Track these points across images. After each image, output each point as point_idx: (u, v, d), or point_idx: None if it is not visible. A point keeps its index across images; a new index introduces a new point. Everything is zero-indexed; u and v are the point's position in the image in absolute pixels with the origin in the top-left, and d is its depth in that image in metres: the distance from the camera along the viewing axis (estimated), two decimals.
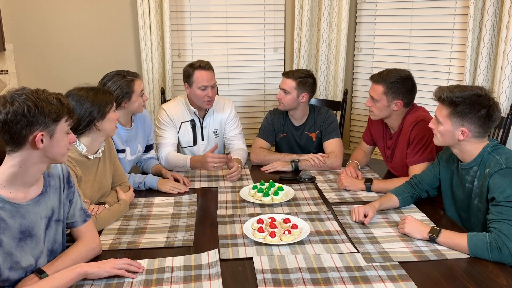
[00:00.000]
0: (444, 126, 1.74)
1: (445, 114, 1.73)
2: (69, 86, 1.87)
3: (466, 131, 1.69)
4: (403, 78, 2.20)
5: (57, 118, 1.32)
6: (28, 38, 3.31)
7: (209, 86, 2.47)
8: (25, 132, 1.28)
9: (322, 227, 1.82)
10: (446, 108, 1.73)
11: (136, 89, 2.20)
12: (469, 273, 1.48)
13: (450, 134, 1.74)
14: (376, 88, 2.21)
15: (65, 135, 1.38)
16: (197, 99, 2.50)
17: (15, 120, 1.26)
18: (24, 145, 1.30)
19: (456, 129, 1.71)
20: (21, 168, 1.32)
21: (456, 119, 1.70)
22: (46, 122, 1.30)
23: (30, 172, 1.35)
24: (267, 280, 1.43)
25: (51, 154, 1.36)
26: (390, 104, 2.20)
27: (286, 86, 2.54)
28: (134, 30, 3.35)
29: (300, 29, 3.35)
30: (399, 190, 2.01)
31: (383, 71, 2.24)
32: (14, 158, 1.31)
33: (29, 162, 1.32)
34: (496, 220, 1.59)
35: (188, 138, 2.62)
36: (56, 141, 1.35)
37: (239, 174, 2.37)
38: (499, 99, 2.61)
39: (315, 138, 2.68)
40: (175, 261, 1.54)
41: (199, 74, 2.45)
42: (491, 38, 2.66)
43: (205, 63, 2.49)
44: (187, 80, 2.50)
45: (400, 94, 2.18)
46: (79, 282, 1.41)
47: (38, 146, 1.30)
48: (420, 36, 3.13)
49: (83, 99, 1.79)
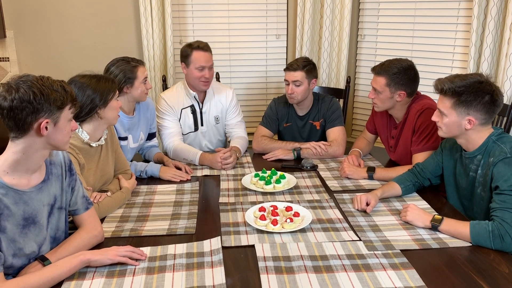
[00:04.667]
0: (449, 118, 1.72)
1: (449, 105, 1.71)
2: (70, 73, 1.86)
3: (473, 119, 1.68)
4: (405, 68, 2.17)
5: (61, 106, 1.32)
6: (29, 24, 3.29)
7: (207, 66, 2.46)
8: (30, 119, 1.28)
9: (324, 215, 1.82)
10: (449, 99, 1.71)
11: (139, 75, 2.19)
12: (471, 261, 1.48)
13: (456, 125, 1.72)
14: (379, 80, 2.19)
15: (68, 123, 1.38)
16: (193, 79, 2.49)
17: (21, 107, 1.26)
18: (28, 132, 1.30)
19: (462, 119, 1.70)
20: (24, 154, 1.32)
21: (461, 108, 1.69)
22: (51, 110, 1.30)
23: (33, 159, 1.35)
24: (269, 267, 1.43)
25: (54, 141, 1.36)
26: (393, 95, 2.19)
27: (297, 77, 2.50)
28: (135, 16, 3.32)
29: (302, 16, 3.32)
30: (401, 178, 2.01)
31: (385, 62, 2.22)
32: (17, 144, 1.31)
33: (32, 148, 1.33)
34: (499, 208, 1.58)
35: (189, 124, 2.61)
36: (60, 129, 1.35)
37: (234, 162, 2.37)
38: (503, 86, 2.59)
39: (319, 127, 2.67)
40: (177, 249, 1.55)
41: (197, 55, 2.45)
42: (496, 24, 2.63)
43: (204, 43, 2.49)
44: (184, 60, 2.50)
45: (403, 84, 2.16)
46: (82, 270, 1.41)
47: (42, 133, 1.30)
48: (424, 23, 3.09)
49: (85, 86, 1.78)
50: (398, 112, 2.27)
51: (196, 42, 2.50)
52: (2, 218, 1.28)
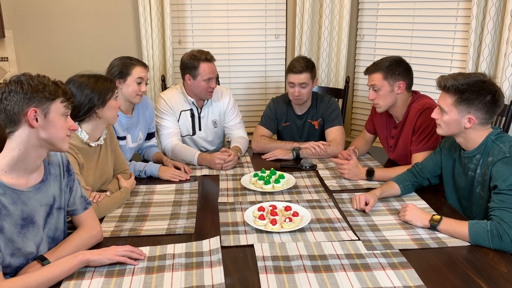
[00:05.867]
0: (450, 115, 1.72)
1: (450, 103, 1.71)
2: (69, 72, 1.86)
3: (473, 118, 1.68)
4: (397, 60, 2.20)
5: (50, 97, 1.33)
6: (28, 24, 3.29)
7: (214, 77, 2.47)
8: (18, 108, 1.29)
9: (323, 215, 1.82)
10: (451, 96, 1.71)
11: (133, 73, 2.19)
12: (469, 260, 1.48)
13: (456, 123, 1.72)
14: (375, 77, 2.20)
15: (61, 117, 1.37)
16: (200, 90, 2.48)
17: (9, 98, 1.29)
18: (20, 124, 1.31)
19: (462, 117, 1.70)
20: (21, 151, 1.32)
21: (462, 106, 1.69)
22: (40, 99, 1.31)
23: (30, 157, 1.35)
24: (268, 267, 1.43)
25: (48, 136, 1.35)
26: (393, 88, 2.19)
27: (304, 80, 2.49)
28: (135, 16, 3.32)
29: (302, 16, 3.32)
30: (400, 178, 2.01)
31: (376, 61, 2.25)
32: (13, 140, 1.32)
33: (28, 144, 1.33)
34: (497, 208, 1.58)
35: (187, 127, 2.61)
36: (51, 122, 1.34)
37: (234, 162, 2.37)
38: (502, 86, 2.59)
39: (318, 126, 2.67)
40: (176, 248, 1.55)
41: (206, 67, 2.43)
42: (494, 24, 2.63)
43: (210, 55, 2.47)
44: (190, 72, 2.46)
45: (400, 75, 2.18)
46: (81, 270, 1.41)
47: (32, 123, 1.30)
48: (423, 23, 3.10)
49: (83, 85, 1.78)
50: (398, 111, 2.27)
51: (201, 53, 2.46)
52: (0, 218, 1.28)
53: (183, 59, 2.50)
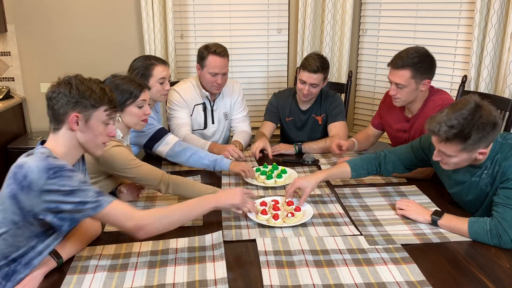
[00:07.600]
0: (459, 157, 1.57)
1: (458, 149, 1.54)
2: (71, 66, 1.87)
3: (484, 151, 1.57)
4: (424, 55, 2.09)
5: (95, 104, 1.37)
6: (30, 19, 3.28)
7: (220, 73, 2.42)
8: (63, 110, 1.35)
9: (325, 210, 1.82)
10: (456, 145, 1.53)
11: (154, 74, 2.17)
12: (471, 255, 1.48)
13: (468, 161, 1.60)
14: (402, 74, 2.08)
15: (101, 124, 1.41)
16: (206, 82, 2.47)
17: (58, 98, 1.35)
18: (62, 125, 1.37)
19: (473, 154, 1.57)
20: (66, 147, 1.40)
21: (471, 147, 1.54)
22: (85, 106, 1.36)
23: (74, 154, 1.42)
24: (270, 261, 1.44)
25: (84, 141, 1.40)
26: (419, 86, 2.10)
27: (316, 80, 2.46)
28: (137, 11, 3.31)
29: (304, 10, 3.30)
30: (357, 164, 1.92)
31: (402, 53, 2.11)
32: (59, 137, 1.39)
33: (71, 143, 1.39)
34: (501, 204, 1.55)
35: (200, 121, 2.59)
36: (91, 128, 1.39)
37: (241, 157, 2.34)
38: (505, 81, 2.59)
39: (321, 121, 2.66)
40: (179, 243, 1.55)
41: (212, 59, 2.39)
42: (498, 18, 2.62)
43: (222, 49, 2.42)
44: (200, 61, 2.45)
45: (426, 73, 2.08)
46: (84, 263, 1.42)
47: (72, 127, 1.36)
48: (426, 17, 3.08)
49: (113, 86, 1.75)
50: (415, 105, 2.19)
51: (214, 45, 2.42)
52: None
53: (199, 48, 2.48)
